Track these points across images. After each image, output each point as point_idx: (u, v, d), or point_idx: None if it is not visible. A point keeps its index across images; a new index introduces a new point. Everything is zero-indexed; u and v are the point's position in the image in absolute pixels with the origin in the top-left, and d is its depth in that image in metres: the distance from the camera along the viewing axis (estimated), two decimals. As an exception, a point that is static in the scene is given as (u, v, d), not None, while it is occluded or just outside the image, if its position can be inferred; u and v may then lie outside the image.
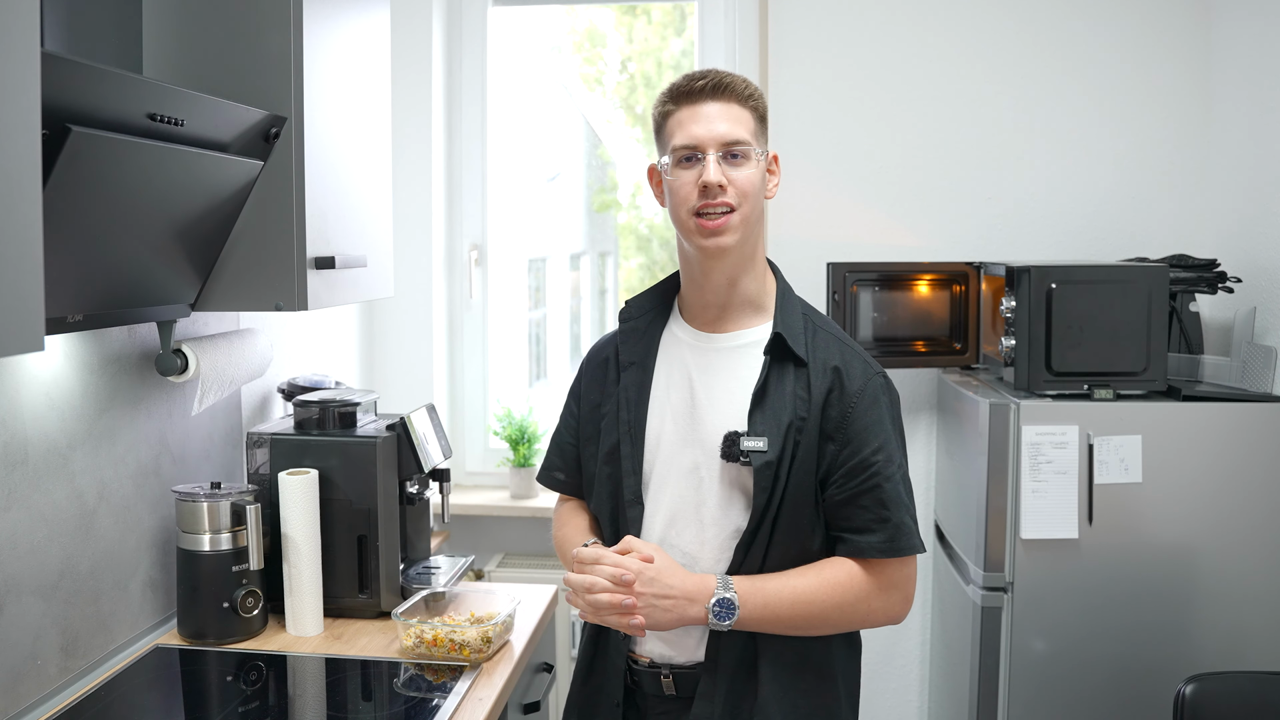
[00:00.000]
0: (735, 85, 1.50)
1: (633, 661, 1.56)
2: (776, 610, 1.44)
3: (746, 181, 1.47)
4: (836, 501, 1.48)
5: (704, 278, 1.54)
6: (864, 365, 1.51)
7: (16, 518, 1.56)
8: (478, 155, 3.11)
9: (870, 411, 1.47)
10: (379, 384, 3.02)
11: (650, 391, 1.57)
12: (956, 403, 2.50)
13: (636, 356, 1.60)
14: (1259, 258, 2.42)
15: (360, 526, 1.99)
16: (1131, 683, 2.17)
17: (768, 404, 1.48)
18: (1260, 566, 2.15)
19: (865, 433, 1.47)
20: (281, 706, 1.70)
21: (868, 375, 1.49)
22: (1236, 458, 2.15)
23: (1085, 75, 2.78)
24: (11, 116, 0.97)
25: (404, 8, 2.90)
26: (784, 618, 1.45)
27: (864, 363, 1.51)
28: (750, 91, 1.51)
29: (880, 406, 1.48)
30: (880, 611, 1.49)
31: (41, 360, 1.62)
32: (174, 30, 1.70)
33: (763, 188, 1.52)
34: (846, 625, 1.50)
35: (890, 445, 1.48)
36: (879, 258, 2.78)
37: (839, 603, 1.46)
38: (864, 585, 1.47)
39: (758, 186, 1.49)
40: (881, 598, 1.48)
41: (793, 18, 2.85)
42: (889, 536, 1.46)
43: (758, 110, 1.52)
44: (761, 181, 1.51)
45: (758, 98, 1.52)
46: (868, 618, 1.49)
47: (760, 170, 1.50)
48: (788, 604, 1.44)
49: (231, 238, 1.72)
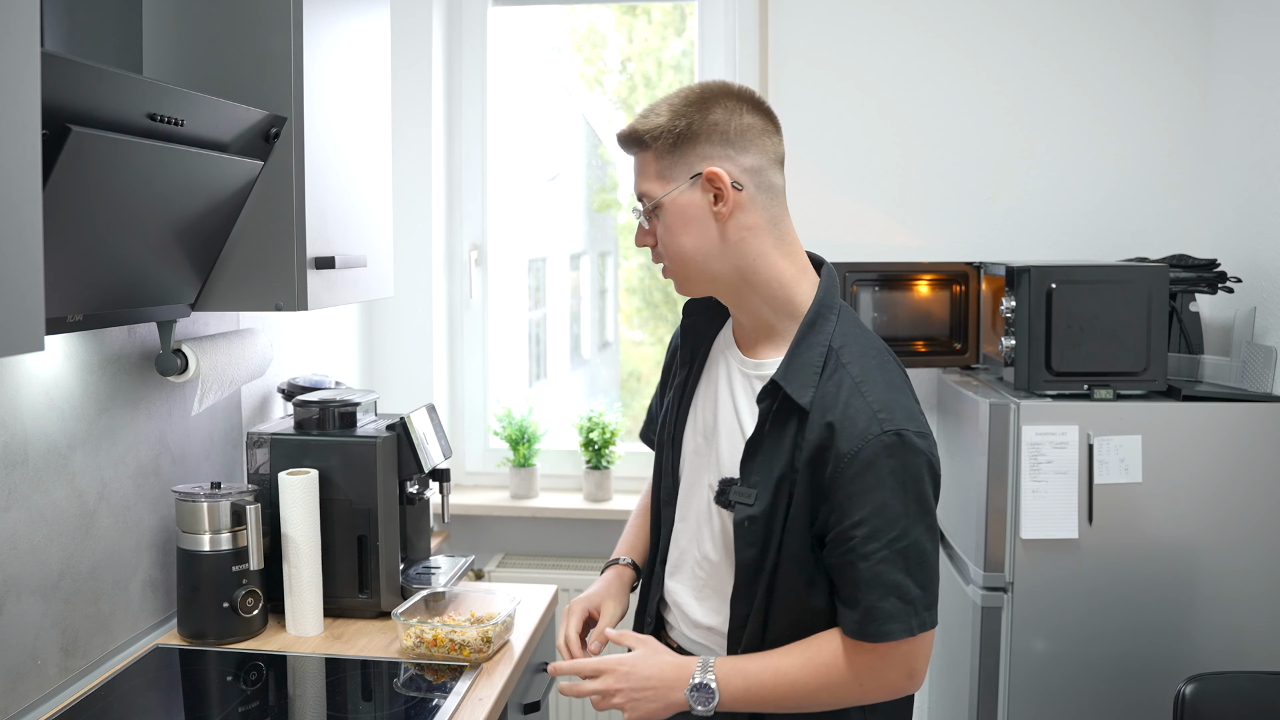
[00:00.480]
0: (635, 133, 1.38)
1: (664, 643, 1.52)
2: (759, 693, 1.35)
3: (661, 235, 1.39)
4: (829, 565, 1.36)
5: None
6: (869, 421, 1.29)
7: (16, 518, 1.56)
8: (478, 155, 3.11)
9: (861, 478, 1.29)
10: (379, 384, 3.03)
11: (693, 400, 1.52)
12: (956, 403, 2.50)
13: (689, 359, 1.55)
14: (1259, 258, 2.42)
15: (360, 526, 1.99)
16: (1131, 683, 2.17)
17: (762, 453, 1.37)
18: (1260, 566, 2.15)
19: (849, 501, 1.30)
20: (281, 706, 1.70)
21: (868, 435, 1.29)
22: (1236, 458, 2.15)
23: (1085, 75, 2.78)
24: (11, 116, 0.97)
25: (404, 8, 2.90)
26: (769, 700, 1.36)
27: (871, 417, 1.30)
28: (648, 128, 1.36)
29: (877, 472, 1.29)
30: (878, 689, 1.36)
31: (41, 360, 1.62)
32: (174, 30, 1.70)
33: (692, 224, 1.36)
34: (843, 704, 1.38)
35: (880, 519, 1.29)
36: (879, 258, 2.78)
37: (825, 684, 1.35)
38: (850, 665, 1.34)
39: (675, 230, 1.37)
40: (874, 677, 1.35)
41: (793, 18, 2.85)
42: (858, 619, 1.32)
43: (663, 143, 1.36)
44: (685, 221, 1.36)
45: (658, 131, 1.35)
46: (864, 696, 1.36)
47: (676, 212, 1.36)
48: (769, 686, 1.35)
49: (231, 238, 1.72)
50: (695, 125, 1.35)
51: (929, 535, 1.33)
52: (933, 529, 1.34)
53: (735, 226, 1.36)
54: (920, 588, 1.31)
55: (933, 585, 1.33)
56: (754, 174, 1.37)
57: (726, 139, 1.35)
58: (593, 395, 3.35)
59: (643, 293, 3.36)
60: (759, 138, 1.37)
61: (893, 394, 1.33)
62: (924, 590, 1.32)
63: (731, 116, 1.36)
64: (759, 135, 1.37)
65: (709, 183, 1.35)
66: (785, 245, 1.40)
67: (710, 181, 1.35)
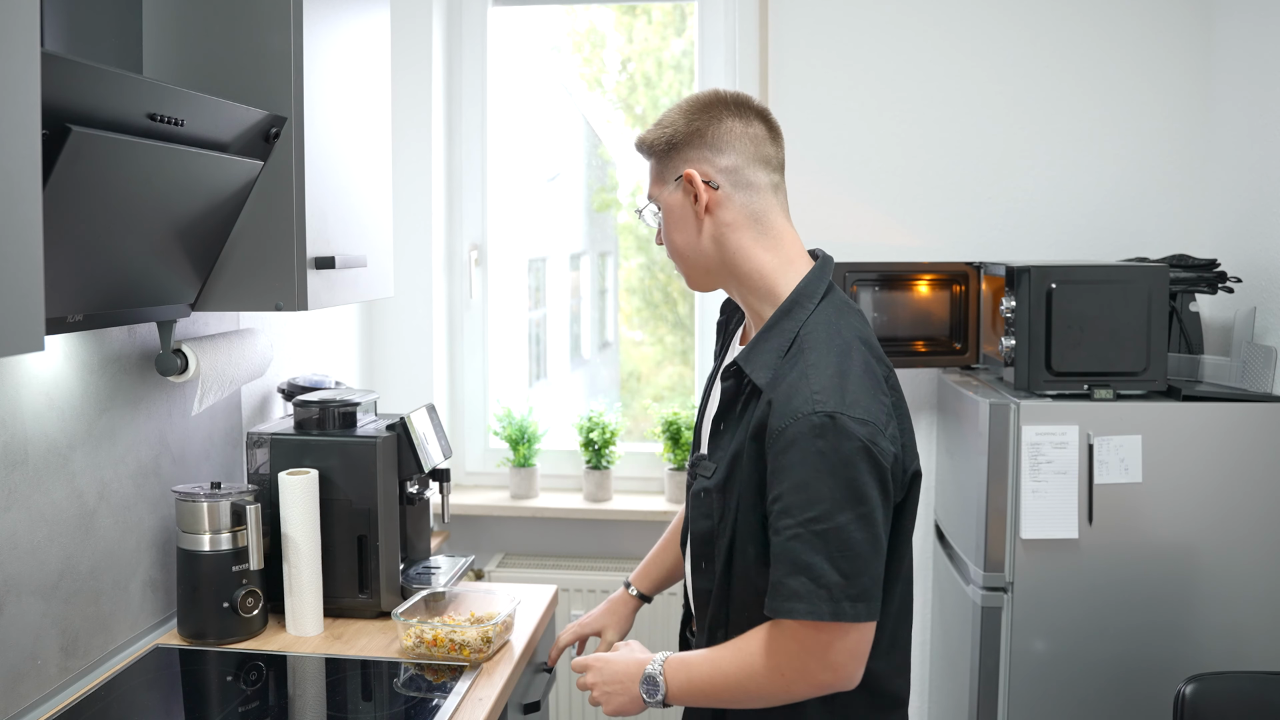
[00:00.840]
0: (640, 142, 1.51)
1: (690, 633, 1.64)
2: (700, 685, 1.40)
3: (665, 234, 1.49)
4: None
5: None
6: (803, 402, 1.30)
7: (16, 518, 1.56)
8: (478, 155, 3.11)
9: (785, 455, 1.30)
10: (379, 384, 3.03)
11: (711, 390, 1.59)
12: (956, 403, 2.50)
13: (717, 353, 1.65)
14: (1259, 258, 2.42)
15: (360, 526, 1.99)
16: (1131, 683, 2.17)
17: (726, 430, 1.43)
18: (1260, 566, 2.15)
19: (773, 477, 1.32)
20: (281, 706, 1.70)
21: (798, 414, 1.30)
22: (1236, 458, 2.15)
23: (1085, 75, 2.78)
24: (11, 116, 0.97)
25: (404, 8, 2.90)
26: (709, 693, 1.40)
27: (807, 399, 1.30)
28: (646, 139, 1.49)
29: (801, 450, 1.29)
30: (799, 679, 1.32)
31: (41, 360, 1.62)
32: (174, 30, 1.70)
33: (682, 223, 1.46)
34: (773, 698, 1.36)
35: (797, 496, 1.29)
36: (879, 258, 2.78)
37: (750, 673, 1.35)
38: (768, 652, 1.33)
39: (672, 229, 1.47)
40: (791, 664, 1.32)
41: (793, 18, 2.85)
42: (769, 595, 1.31)
43: (656, 150, 1.47)
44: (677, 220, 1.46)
45: (652, 140, 1.47)
46: (788, 688, 1.34)
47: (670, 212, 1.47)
48: (707, 678, 1.39)
49: (231, 238, 1.72)
50: (680, 132, 1.45)
51: (860, 524, 1.28)
52: (866, 519, 1.29)
53: (714, 222, 1.44)
54: (842, 575, 1.27)
55: (861, 576, 1.28)
56: (730, 173, 1.43)
57: (704, 142, 1.44)
58: (593, 395, 3.35)
59: (643, 293, 3.36)
60: (738, 140, 1.44)
61: (840, 380, 1.32)
62: (846, 579, 1.27)
63: (713, 122, 1.44)
64: (739, 138, 1.44)
65: (688, 184, 1.44)
66: (768, 239, 1.45)
67: (689, 182, 1.43)
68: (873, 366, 1.38)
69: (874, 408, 1.32)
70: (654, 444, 3.08)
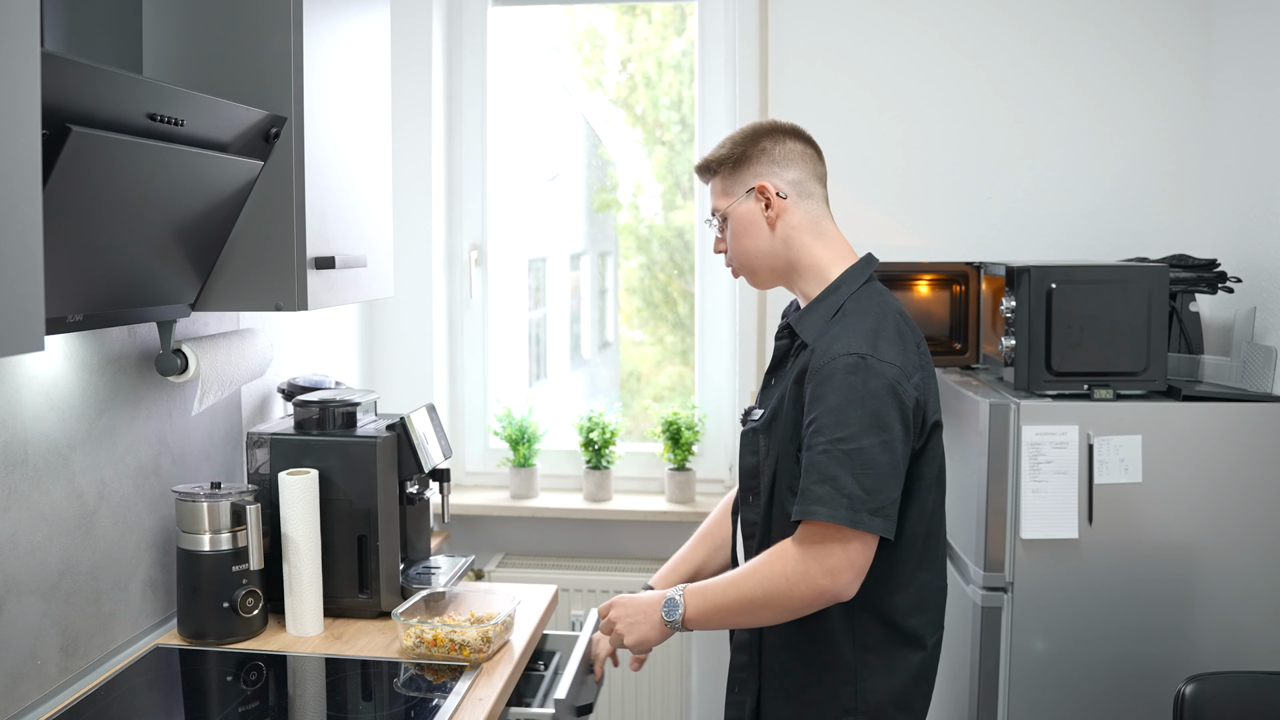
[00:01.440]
0: (706, 163, 1.73)
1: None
2: (715, 600, 1.59)
3: (730, 239, 1.72)
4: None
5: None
6: (841, 347, 1.53)
7: (16, 518, 1.56)
8: (478, 155, 3.11)
9: (822, 386, 1.53)
10: (379, 384, 3.03)
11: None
12: (956, 403, 2.50)
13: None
14: (1259, 258, 2.42)
15: (360, 526, 1.99)
16: (1131, 683, 2.17)
17: (774, 383, 1.69)
18: (1260, 566, 2.15)
19: (810, 404, 1.54)
20: (281, 706, 1.70)
21: (833, 354, 1.53)
22: (1236, 458, 2.15)
23: (1085, 75, 2.78)
24: (11, 116, 0.97)
25: (404, 8, 2.90)
26: (723, 608, 1.58)
27: (844, 345, 1.53)
28: (712, 159, 1.71)
29: (835, 383, 1.51)
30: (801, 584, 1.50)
31: (41, 360, 1.62)
32: (174, 30, 1.70)
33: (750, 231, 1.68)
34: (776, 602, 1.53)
35: (829, 418, 1.50)
36: (879, 257, 2.77)
37: (759, 580, 1.54)
38: (779, 557, 1.53)
39: (739, 239, 1.69)
40: (796, 569, 1.51)
41: (793, 18, 2.85)
42: (799, 500, 1.51)
43: (724, 168, 1.70)
44: (744, 228, 1.68)
45: (720, 158, 1.70)
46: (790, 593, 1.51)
47: (738, 220, 1.69)
48: (720, 592, 1.59)
49: (231, 238, 1.72)
50: (749, 151, 1.69)
51: (883, 449, 1.49)
52: (889, 445, 1.49)
53: (782, 226, 1.68)
54: (864, 489, 1.47)
55: (881, 492, 1.47)
56: (796, 185, 1.69)
57: (773, 159, 1.68)
58: (593, 395, 3.35)
59: (643, 293, 3.36)
60: (799, 159, 1.70)
61: (874, 335, 1.55)
62: (867, 493, 1.47)
63: (777, 143, 1.69)
64: (799, 157, 1.70)
65: (760, 193, 1.68)
66: (824, 239, 1.70)
67: (761, 192, 1.67)
68: (904, 331, 1.60)
69: (901, 357, 1.54)
70: (654, 444, 3.08)
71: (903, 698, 1.60)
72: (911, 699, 1.61)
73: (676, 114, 3.26)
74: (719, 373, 3.06)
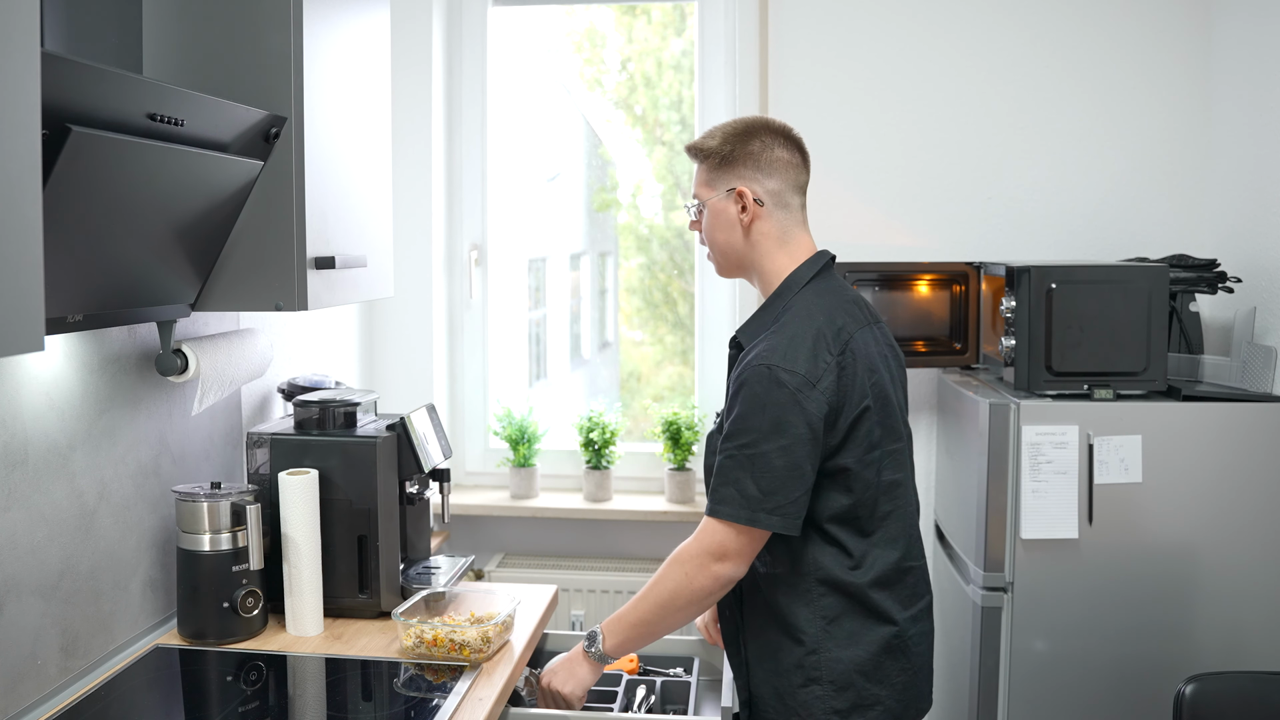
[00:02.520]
0: (696, 148, 1.75)
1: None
2: (628, 618, 1.71)
3: (705, 227, 1.77)
4: None
5: None
6: (758, 354, 1.63)
7: (16, 518, 1.56)
8: (478, 155, 3.11)
9: (735, 395, 1.64)
10: (379, 384, 3.03)
11: None
12: (956, 403, 2.50)
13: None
14: (1259, 258, 2.42)
15: (360, 526, 1.99)
16: (1131, 683, 2.17)
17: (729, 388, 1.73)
18: (1260, 566, 2.15)
19: (726, 411, 1.67)
20: (281, 706, 1.70)
21: (750, 364, 1.63)
22: (1236, 458, 2.15)
23: (1085, 75, 2.78)
24: (11, 116, 0.97)
25: (404, 8, 2.90)
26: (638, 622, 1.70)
27: (759, 355, 1.62)
28: (702, 148, 1.74)
29: (743, 390, 1.62)
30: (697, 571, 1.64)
31: (41, 360, 1.62)
32: (174, 30, 1.70)
33: (723, 226, 1.73)
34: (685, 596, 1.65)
35: (735, 426, 1.62)
36: (879, 258, 2.78)
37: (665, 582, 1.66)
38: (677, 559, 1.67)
39: (712, 228, 1.75)
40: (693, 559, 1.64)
41: (793, 18, 2.85)
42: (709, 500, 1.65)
43: (712, 159, 1.73)
44: (718, 222, 1.73)
45: (708, 150, 1.73)
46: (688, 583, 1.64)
47: (712, 214, 1.74)
48: (633, 609, 1.70)
49: (231, 238, 1.72)
50: (737, 152, 1.72)
51: (781, 453, 1.59)
52: (788, 450, 1.59)
53: (754, 231, 1.73)
54: (761, 491, 1.59)
55: (779, 493, 1.59)
56: (774, 195, 1.73)
57: (758, 165, 1.72)
58: (593, 395, 3.35)
59: (643, 293, 3.36)
60: (783, 169, 1.73)
61: (789, 345, 1.62)
62: (764, 494, 1.59)
63: (765, 149, 1.72)
64: (784, 166, 1.73)
65: (739, 197, 1.72)
66: (788, 247, 1.75)
67: (740, 196, 1.72)
68: (825, 336, 1.64)
69: (809, 365, 1.60)
70: (654, 444, 3.08)
71: (872, 668, 1.65)
72: (884, 670, 1.65)
73: (676, 114, 3.26)
74: (719, 373, 3.06)
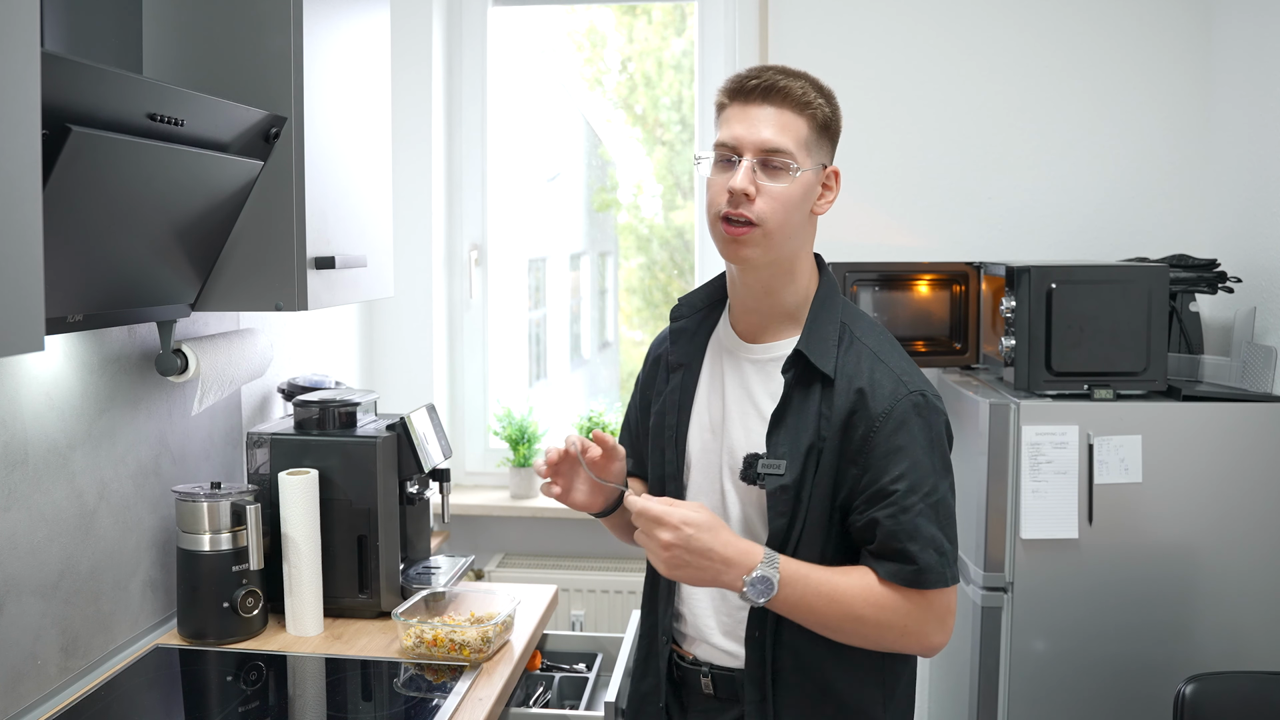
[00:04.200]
0: (791, 90, 1.39)
1: (679, 657, 1.54)
2: (812, 602, 1.35)
3: (778, 196, 1.38)
4: (858, 527, 1.40)
5: (741, 284, 1.48)
6: (895, 384, 1.39)
7: (16, 518, 1.56)
8: (478, 155, 3.11)
9: (895, 436, 1.37)
10: (379, 384, 3.02)
11: (694, 398, 1.53)
12: (956, 403, 2.50)
13: (685, 359, 1.55)
14: (1259, 258, 2.42)
15: (360, 526, 1.99)
16: (1131, 683, 2.17)
17: (787, 424, 1.41)
18: (1260, 566, 2.15)
19: (887, 459, 1.37)
20: (281, 706, 1.70)
21: (897, 396, 1.38)
22: (1236, 458, 2.15)
23: (1085, 75, 2.78)
24: (11, 116, 0.97)
25: (404, 8, 2.90)
26: (814, 613, 1.36)
27: (896, 380, 1.39)
28: (809, 98, 1.40)
29: (909, 430, 1.37)
30: (917, 635, 1.38)
31: (41, 360, 1.62)
32: (174, 30, 1.70)
33: (803, 203, 1.40)
34: (878, 642, 1.39)
35: (916, 473, 1.36)
36: (879, 258, 2.78)
37: (875, 617, 1.36)
38: (901, 607, 1.37)
39: (791, 202, 1.38)
40: (918, 624, 1.37)
41: (793, 18, 2.85)
42: (904, 571, 1.36)
43: (816, 118, 1.41)
44: (801, 196, 1.40)
45: (818, 105, 1.40)
46: (900, 638, 1.38)
47: (800, 185, 1.39)
48: (825, 598, 1.36)
49: (231, 238, 1.72)
50: (837, 123, 1.46)
51: (951, 492, 1.40)
52: (952, 487, 1.40)
53: (813, 221, 1.46)
54: (950, 541, 1.38)
55: (955, 540, 1.39)
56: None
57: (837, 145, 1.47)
58: (593, 395, 3.35)
59: (643, 293, 3.36)
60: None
61: (907, 363, 1.43)
62: (952, 544, 1.38)
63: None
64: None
65: (833, 178, 1.46)
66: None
67: (835, 178, 1.46)
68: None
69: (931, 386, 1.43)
70: (654, 444, 3.07)
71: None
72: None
73: (676, 114, 3.26)
74: (719, 373, 3.05)
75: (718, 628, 1.49)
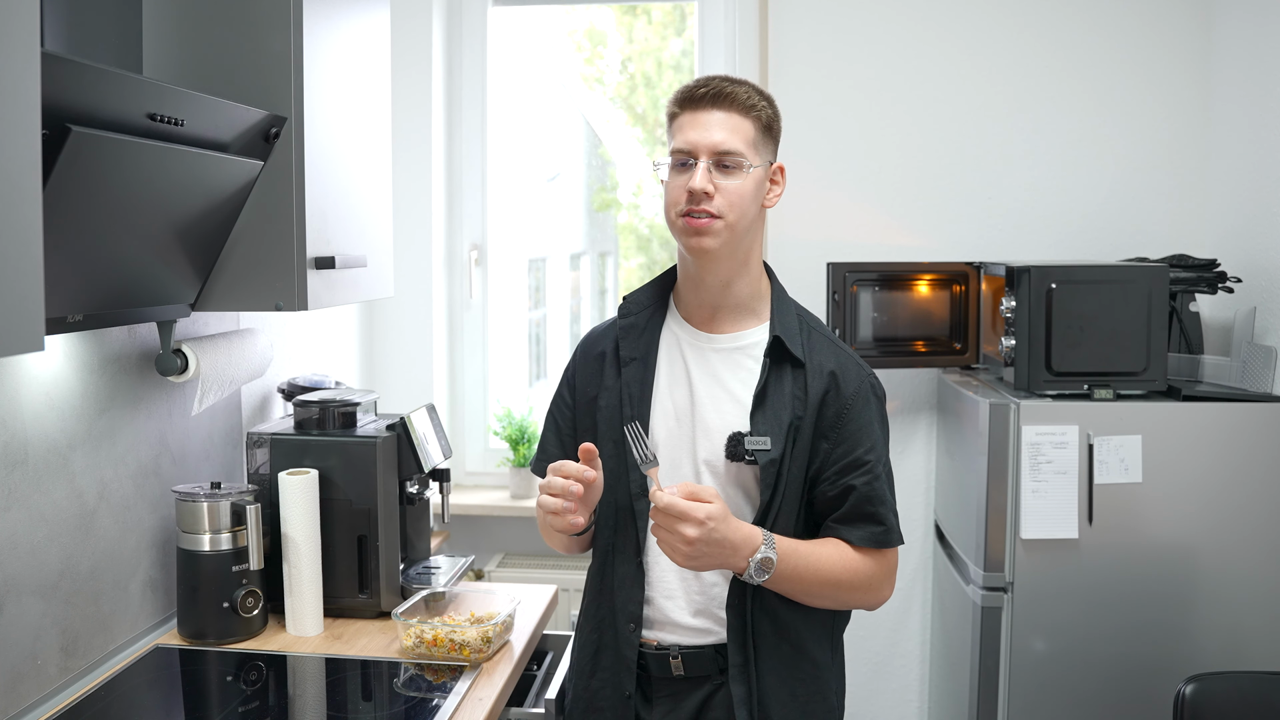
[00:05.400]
0: (737, 95, 1.51)
1: (642, 645, 1.57)
2: (801, 573, 1.49)
3: (734, 191, 1.50)
4: (828, 497, 1.55)
5: (699, 277, 1.59)
6: (857, 368, 1.58)
7: (16, 518, 1.56)
8: (478, 155, 3.11)
9: (863, 412, 1.55)
10: (379, 384, 3.03)
11: (653, 388, 1.60)
12: (956, 403, 2.50)
13: (638, 352, 1.62)
14: (1259, 258, 2.42)
15: (360, 526, 1.99)
16: (1131, 683, 2.17)
17: (768, 404, 1.54)
18: (1260, 566, 2.15)
19: (859, 433, 1.54)
20: (281, 706, 1.70)
21: (861, 378, 1.57)
22: (1236, 458, 2.15)
23: (1085, 75, 2.78)
24: (11, 116, 0.97)
25: (404, 8, 2.90)
26: (801, 583, 1.50)
27: (856, 365, 1.59)
28: (753, 102, 1.52)
29: (871, 407, 1.56)
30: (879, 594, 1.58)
31: (41, 360, 1.62)
32: (174, 30, 1.70)
33: (756, 197, 1.53)
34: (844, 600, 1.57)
35: (879, 445, 1.56)
36: (879, 258, 2.78)
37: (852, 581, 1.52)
38: (873, 569, 1.55)
39: (747, 196, 1.51)
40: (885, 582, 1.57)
41: (793, 18, 2.85)
42: (876, 532, 1.54)
43: (761, 120, 1.53)
44: (755, 191, 1.53)
45: (761, 108, 1.53)
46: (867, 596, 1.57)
47: (753, 180, 1.52)
48: (811, 569, 1.50)
49: (231, 238, 1.72)
50: (779, 123, 1.59)
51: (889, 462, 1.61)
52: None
53: (763, 215, 1.60)
54: (894, 506, 1.57)
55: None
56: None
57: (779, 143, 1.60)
58: (593, 395, 3.34)
59: (643, 293, 3.36)
60: None
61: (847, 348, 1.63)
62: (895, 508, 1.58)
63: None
64: None
65: (780, 174, 1.59)
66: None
67: (781, 173, 1.60)
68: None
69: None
70: (654, 444, 3.08)
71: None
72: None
73: (676, 114, 3.25)
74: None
75: (688, 608, 1.56)
